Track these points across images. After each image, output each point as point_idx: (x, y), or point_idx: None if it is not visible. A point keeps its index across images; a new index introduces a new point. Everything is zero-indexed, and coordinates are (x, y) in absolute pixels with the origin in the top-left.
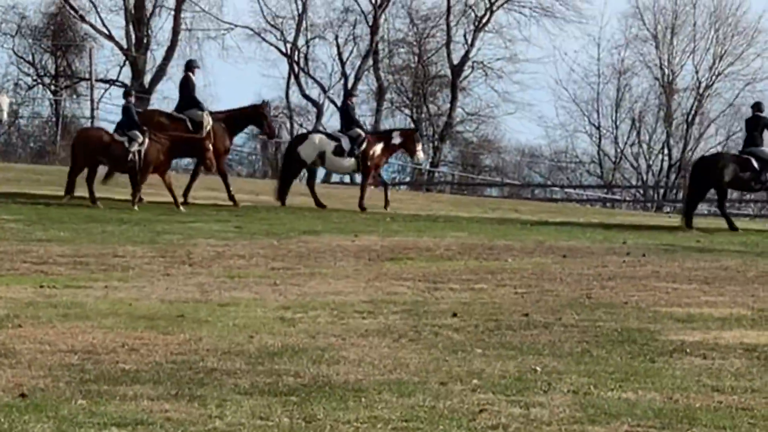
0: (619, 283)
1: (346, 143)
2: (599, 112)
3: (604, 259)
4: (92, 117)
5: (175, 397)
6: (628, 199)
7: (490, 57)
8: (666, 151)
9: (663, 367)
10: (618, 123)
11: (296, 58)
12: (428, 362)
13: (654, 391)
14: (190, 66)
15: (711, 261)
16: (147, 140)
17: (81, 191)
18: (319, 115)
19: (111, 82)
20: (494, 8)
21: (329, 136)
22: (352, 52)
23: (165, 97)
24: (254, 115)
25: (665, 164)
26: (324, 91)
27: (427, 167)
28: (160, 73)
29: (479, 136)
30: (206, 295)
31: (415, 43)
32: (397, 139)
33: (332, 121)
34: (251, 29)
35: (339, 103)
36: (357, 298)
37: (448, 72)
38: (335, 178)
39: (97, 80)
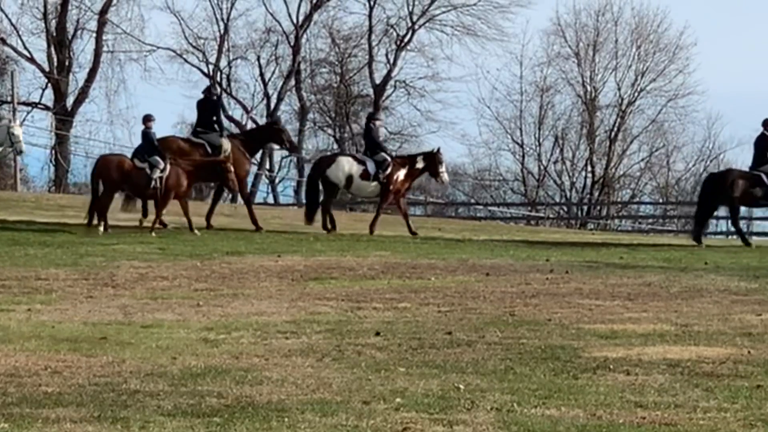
0: (543, 300)
1: (371, 167)
2: (522, 130)
3: (527, 277)
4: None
5: (98, 420)
6: (552, 216)
7: (413, 76)
8: (589, 168)
9: (586, 383)
10: (541, 140)
11: (219, 79)
12: (351, 381)
13: (577, 407)
14: (209, 91)
15: (634, 277)
16: (168, 166)
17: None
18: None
19: (33, 105)
20: (416, 27)
21: (355, 159)
22: (274, 72)
23: (88, 120)
24: (271, 132)
25: (588, 181)
26: (247, 111)
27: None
28: (83, 95)
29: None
30: (129, 317)
31: (337, 62)
32: (420, 164)
33: None
34: (173, 51)
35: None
36: (280, 318)
37: (371, 91)
38: (258, 198)
39: (19, 103)
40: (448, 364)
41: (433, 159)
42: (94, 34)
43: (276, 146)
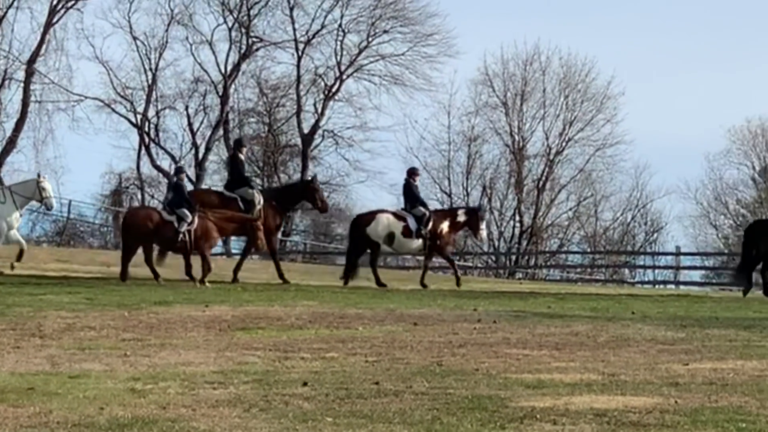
0: (470, 350)
1: (412, 223)
2: (450, 180)
3: (455, 326)
4: None
5: None
6: (480, 265)
7: (341, 126)
8: (517, 218)
9: None
10: (469, 190)
11: (147, 128)
12: None
13: None
14: (238, 145)
15: (562, 327)
16: (196, 219)
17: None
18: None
19: None
20: (344, 77)
21: (396, 216)
22: (202, 122)
23: (15, 170)
24: (305, 191)
25: (517, 230)
26: (175, 161)
27: (279, 236)
28: (10, 145)
29: (330, 204)
30: (56, 367)
31: (265, 112)
32: (462, 217)
33: None
34: (101, 101)
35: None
36: (207, 368)
37: (299, 141)
38: None
39: None
40: (375, 414)
41: (474, 215)
42: (22, 84)
43: (309, 205)
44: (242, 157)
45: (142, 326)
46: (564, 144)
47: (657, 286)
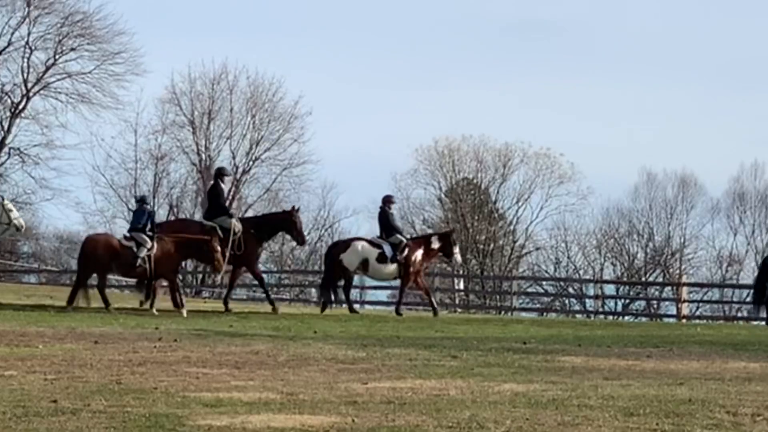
0: (150, 368)
1: (388, 250)
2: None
3: (135, 345)
4: None
5: None
6: (164, 284)
7: (27, 143)
8: None
9: None
10: (157, 208)
11: None
12: None
13: None
14: (219, 174)
15: (243, 345)
16: (155, 245)
17: None
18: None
19: None
20: (30, 94)
21: (371, 243)
22: None
23: None
24: (284, 221)
25: None
26: None
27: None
28: None
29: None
30: None
31: None
32: (435, 244)
33: None
34: None
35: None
36: None
37: None
38: None
39: None
40: None
41: (447, 240)
42: None
43: (287, 235)
44: (224, 186)
45: None
46: (251, 163)
47: (343, 306)
